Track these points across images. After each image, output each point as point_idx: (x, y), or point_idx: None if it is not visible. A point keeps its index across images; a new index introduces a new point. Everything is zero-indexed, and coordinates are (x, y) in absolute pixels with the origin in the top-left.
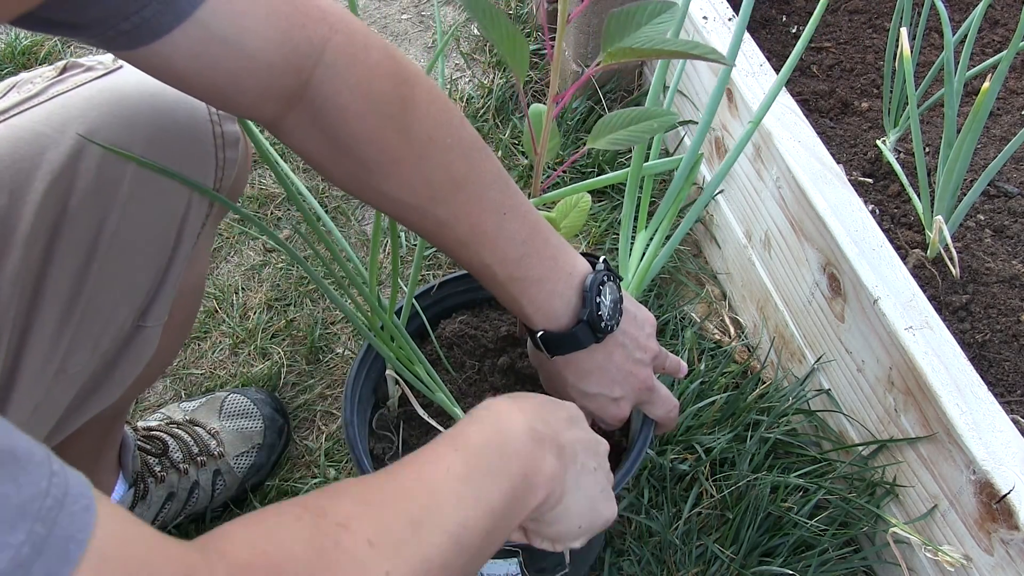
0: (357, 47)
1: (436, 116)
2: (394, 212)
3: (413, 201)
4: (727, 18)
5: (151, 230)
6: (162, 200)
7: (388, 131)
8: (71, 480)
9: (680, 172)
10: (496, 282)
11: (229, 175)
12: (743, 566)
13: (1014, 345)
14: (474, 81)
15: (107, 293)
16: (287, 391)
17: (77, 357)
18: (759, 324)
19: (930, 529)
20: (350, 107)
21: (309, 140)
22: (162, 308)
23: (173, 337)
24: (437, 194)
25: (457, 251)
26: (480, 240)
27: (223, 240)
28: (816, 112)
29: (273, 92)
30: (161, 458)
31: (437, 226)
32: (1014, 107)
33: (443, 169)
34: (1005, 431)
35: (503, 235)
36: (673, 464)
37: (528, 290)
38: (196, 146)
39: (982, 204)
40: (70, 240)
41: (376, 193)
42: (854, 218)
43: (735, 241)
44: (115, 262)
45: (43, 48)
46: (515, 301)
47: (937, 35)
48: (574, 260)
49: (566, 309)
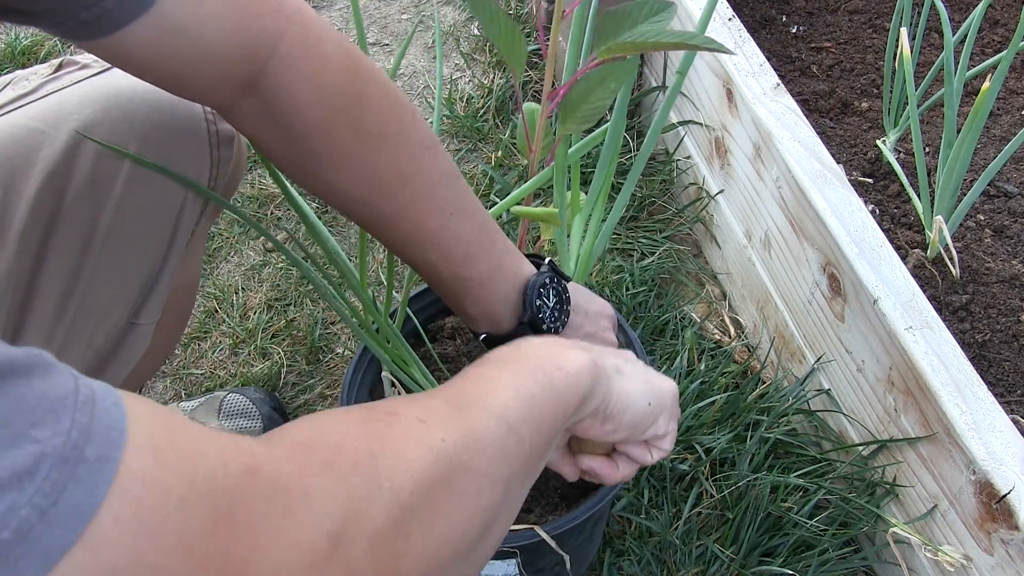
0: (311, 39)
1: (388, 112)
2: (341, 204)
3: (360, 195)
4: (727, 18)
5: (146, 227)
6: (157, 197)
7: (339, 124)
8: (94, 384)
9: (606, 147)
10: (440, 280)
11: (224, 173)
12: (743, 566)
13: (1014, 345)
14: (474, 81)
15: (101, 290)
16: (287, 391)
17: (71, 354)
18: (759, 324)
19: (930, 529)
20: (302, 98)
21: (261, 128)
22: (156, 306)
23: (168, 335)
24: (384, 189)
25: (402, 247)
26: (425, 237)
27: (223, 240)
28: (816, 112)
29: (228, 80)
30: None
31: (383, 220)
32: (1014, 107)
33: (392, 164)
34: (1005, 431)
35: (448, 233)
36: (673, 464)
37: (472, 290)
38: (191, 144)
39: (982, 204)
40: (65, 237)
41: (324, 184)
42: (854, 218)
43: (735, 241)
44: (110, 259)
45: (43, 48)
46: (459, 301)
47: (937, 35)
48: (519, 263)
49: (508, 312)
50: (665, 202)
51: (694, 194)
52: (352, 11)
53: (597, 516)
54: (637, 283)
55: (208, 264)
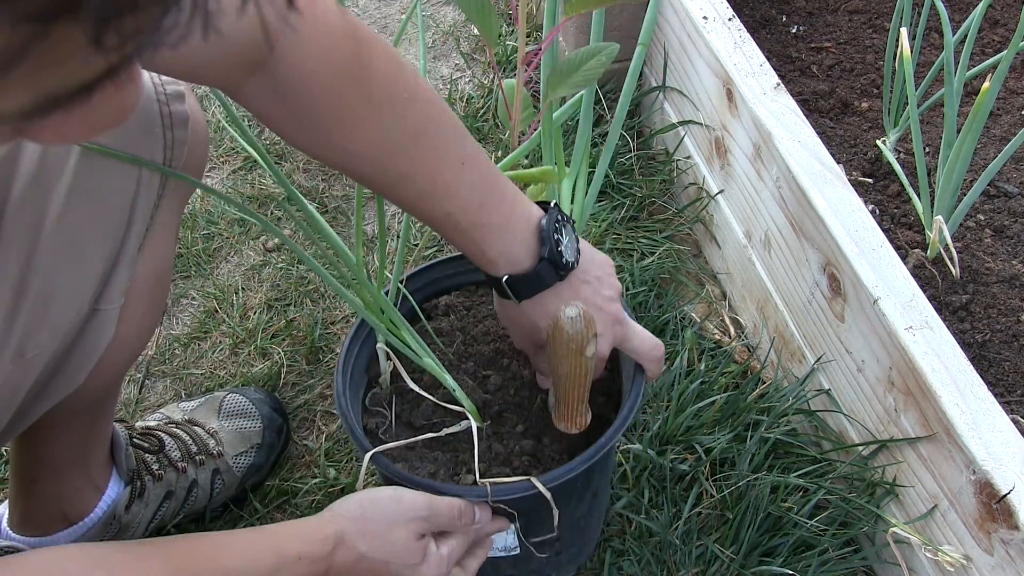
0: (318, 12)
1: (393, 73)
2: (356, 169)
3: (375, 156)
4: (727, 18)
5: (100, 212)
6: (109, 182)
7: (348, 90)
8: None
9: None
10: (459, 231)
11: (179, 155)
12: (743, 566)
13: (1014, 345)
14: (474, 81)
15: (60, 276)
16: (287, 391)
17: (34, 341)
18: (759, 324)
19: (930, 529)
20: (312, 71)
21: (270, 105)
22: (116, 290)
23: (140, 325)
24: (397, 147)
25: (419, 204)
26: (441, 190)
27: (223, 240)
28: (816, 112)
29: (240, 64)
30: (158, 455)
31: (399, 179)
32: (1014, 107)
33: (402, 123)
34: (1005, 431)
35: (463, 184)
36: (673, 464)
37: (489, 236)
38: (143, 127)
39: (982, 204)
40: (15, 225)
41: (338, 150)
42: (854, 218)
43: (735, 241)
44: (65, 245)
45: None
46: (478, 248)
47: (937, 35)
48: (529, 205)
49: (527, 252)
50: (665, 202)
51: (694, 194)
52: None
53: (592, 473)
54: (637, 283)
55: (208, 264)
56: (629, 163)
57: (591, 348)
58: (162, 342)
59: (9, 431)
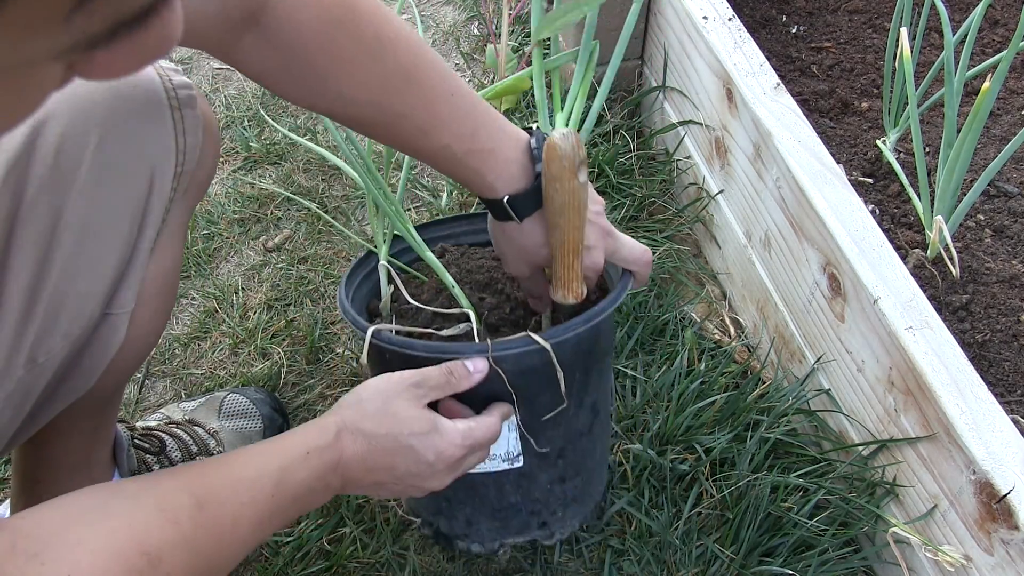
0: None
1: (379, 16)
2: (353, 114)
3: (371, 98)
4: (727, 18)
5: (113, 215)
6: (123, 184)
7: (341, 37)
8: None
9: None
10: (456, 160)
11: (191, 159)
12: (743, 566)
13: (1014, 345)
14: (474, 81)
15: (72, 280)
16: (287, 391)
17: (47, 346)
18: (759, 324)
19: (930, 529)
20: (304, 20)
21: (265, 59)
22: (128, 295)
23: (149, 327)
24: (391, 87)
25: (417, 140)
26: (437, 123)
27: (223, 240)
28: (816, 112)
29: (236, 22)
30: (159, 456)
31: (396, 118)
32: (1014, 107)
33: (393, 63)
34: (1005, 431)
35: (455, 114)
36: (673, 464)
37: (486, 160)
38: (154, 120)
39: (982, 204)
40: (29, 228)
41: (335, 97)
42: (854, 218)
43: (735, 241)
44: (78, 249)
45: None
46: (477, 174)
47: (937, 35)
48: (516, 129)
49: (522, 171)
50: (665, 202)
51: (694, 194)
52: None
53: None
54: None
55: (208, 264)
56: (629, 163)
57: (583, 174)
58: (162, 342)
59: (19, 435)
